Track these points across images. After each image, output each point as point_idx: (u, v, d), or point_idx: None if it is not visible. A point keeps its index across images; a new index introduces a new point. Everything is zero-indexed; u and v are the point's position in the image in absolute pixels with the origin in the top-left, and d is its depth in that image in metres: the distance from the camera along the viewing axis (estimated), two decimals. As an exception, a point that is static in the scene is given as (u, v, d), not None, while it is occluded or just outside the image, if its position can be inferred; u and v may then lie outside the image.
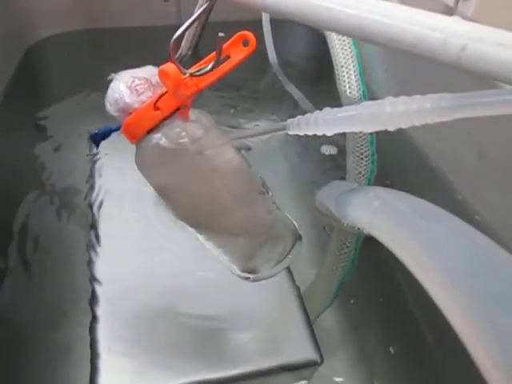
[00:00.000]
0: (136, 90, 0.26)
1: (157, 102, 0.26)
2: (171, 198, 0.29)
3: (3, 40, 0.66)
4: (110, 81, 0.27)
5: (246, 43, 0.27)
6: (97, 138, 0.29)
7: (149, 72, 0.27)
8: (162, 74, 0.25)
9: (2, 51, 0.65)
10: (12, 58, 0.69)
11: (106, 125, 0.29)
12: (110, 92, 0.26)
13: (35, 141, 0.54)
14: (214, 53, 0.26)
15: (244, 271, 0.30)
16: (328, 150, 0.45)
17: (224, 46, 0.26)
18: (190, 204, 0.28)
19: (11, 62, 0.68)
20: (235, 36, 0.27)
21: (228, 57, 0.27)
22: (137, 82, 0.26)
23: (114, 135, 0.31)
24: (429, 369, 0.34)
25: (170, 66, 0.25)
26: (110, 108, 0.27)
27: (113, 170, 0.45)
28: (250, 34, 0.26)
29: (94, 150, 0.47)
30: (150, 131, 0.27)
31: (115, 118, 0.27)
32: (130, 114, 0.26)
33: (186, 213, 0.29)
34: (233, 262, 0.30)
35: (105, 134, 0.30)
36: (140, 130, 0.27)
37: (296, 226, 0.31)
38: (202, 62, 0.27)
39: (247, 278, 0.30)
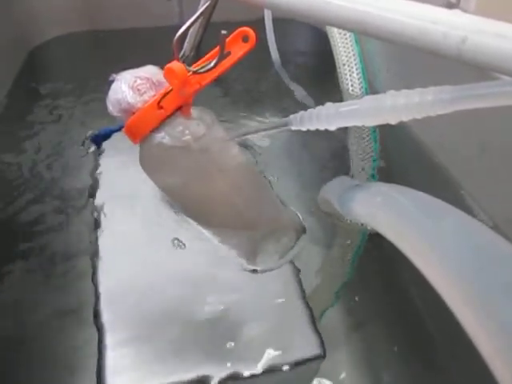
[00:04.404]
0: (138, 89, 0.26)
1: (161, 100, 0.26)
2: (177, 195, 0.29)
3: (7, 42, 0.66)
4: (112, 82, 0.27)
5: (245, 39, 0.27)
6: (97, 140, 0.30)
7: (150, 71, 0.27)
8: (168, 73, 0.25)
9: (5, 53, 0.65)
10: (16, 60, 0.69)
11: (106, 126, 0.29)
12: (111, 93, 0.27)
13: (38, 141, 0.54)
14: (215, 50, 0.27)
15: (251, 264, 0.30)
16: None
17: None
18: (196, 200, 0.29)
19: (15, 64, 0.68)
20: (235, 32, 0.27)
21: (229, 53, 0.27)
22: (139, 81, 0.26)
23: (116, 135, 0.31)
24: (433, 365, 0.34)
25: (176, 64, 0.25)
26: (112, 109, 0.27)
27: (115, 170, 0.45)
28: (249, 30, 0.27)
29: (96, 151, 0.47)
30: (153, 130, 0.27)
31: (117, 118, 0.27)
32: (133, 113, 0.26)
33: (192, 209, 0.29)
34: (239, 255, 0.30)
35: (105, 135, 0.30)
36: (144, 129, 0.27)
37: (300, 218, 0.31)
38: (203, 59, 0.27)
39: (254, 271, 0.30)
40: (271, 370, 0.30)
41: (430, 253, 0.19)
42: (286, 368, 0.31)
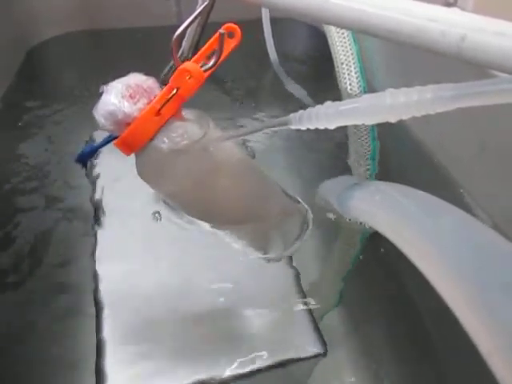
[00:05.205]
0: (132, 98, 0.25)
1: (163, 106, 0.25)
2: (181, 199, 0.29)
3: (5, 42, 0.66)
4: (101, 94, 0.26)
5: (231, 35, 0.26)
6: (83, 159, 0.28)
7: (138, 78, 0.26)
8: (182, 74, 0.24)
9: (3, 53, 0.65)
10: (14, 60, 0.69)
11: (89, 144, 0.28)
12: (102, 105, 0.25)
13: (36, 142, 0.54)
14: (203, 49, 0.26)
15: (264, 253, 0.31)
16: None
17: (210, 40, 0.26)
18: (201, 201, 0.28)
19: (13, 64, 0.68)
20: (220, 30, 0.26)
21: (215, 51, 0.26)
22: (131, 90, 0.25)
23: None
24: (433, 364, 0.34)
25: (191, 65, 0.24)
26: (104, 122, 0.25)
27: (112, 175, 0.45)
28: (234, 26, 0.26)
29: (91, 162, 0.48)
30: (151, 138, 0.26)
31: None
32: (128, 124, 0.25)
33: (199, 210, 0.29)
34: (252, 247, 0.30)
35: (91, 153, 0.28)
36: (143, 138, 0.26)
37: (304, 204, 0.31)
38: (193, 59, 0.26)
39: (269, 260, 0.31)
40: (271, 368, 0.31)
41: (429, 251, 0.19)
42: (286, 365, 0.31)
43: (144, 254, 0.38)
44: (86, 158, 0.28)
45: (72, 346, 0.34)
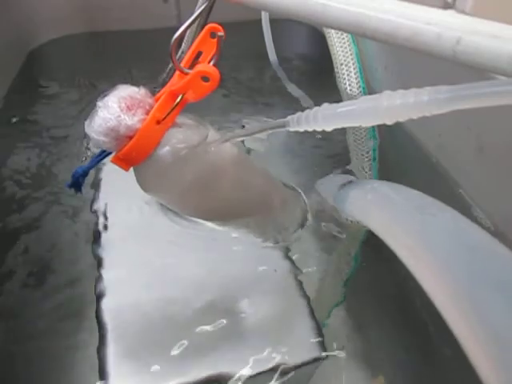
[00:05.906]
0: (129, 110, 0.24)
1: (168, 114, 0.25)
2: (186, 204, 0.29)
3: (5, 44, 0.66)
4: (96, 111, 0.25)
5: (214, 36, 0.26)
6: (77, 183, 0.28)
7: (129, 90, 0.25)
8: (200, 75, 0.24)
9: (4, 55, 0.65)
10: (14, 62, 0.70)
11: (78, 167, 0.28)
12: (100, 123, 0.24)
13: (36, 144, 0.54)
14: (191, 52, 0.26)
15: (274, 241, 0.31)
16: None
17: (195, 43, 0.26)
18: (206, 202, 0.28)
19: (14, 66, 0.69)
20: (203, 31, 0.26)
21: (200, 53, 0.26)
22: (127, 102, 0.24)
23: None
24: (435, 366, 0.34)
25: (208, 67, 0.24)
26: (104, 139, 0.24)
27: (115, 177, 0.45)
28: (217, 26, 0.25)
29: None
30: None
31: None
32: (130, 137, 0.24)
33: (203, 211, 0.29)
34: (261, 238, 0.31)
35: (84, 174, 0.28)
36: (148, 149, 0.25)
37: (303, 194, 0.32)
38: (183, 62, 0.26)
39: (272, 247, 0.33)
40: (270, 370, 0.31)
41: (417, 248, 0.19)
42: (286, 369, 0.31)
43: (144, 253, 0.38)
44: (80, 180, 0.28)
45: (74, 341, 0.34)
